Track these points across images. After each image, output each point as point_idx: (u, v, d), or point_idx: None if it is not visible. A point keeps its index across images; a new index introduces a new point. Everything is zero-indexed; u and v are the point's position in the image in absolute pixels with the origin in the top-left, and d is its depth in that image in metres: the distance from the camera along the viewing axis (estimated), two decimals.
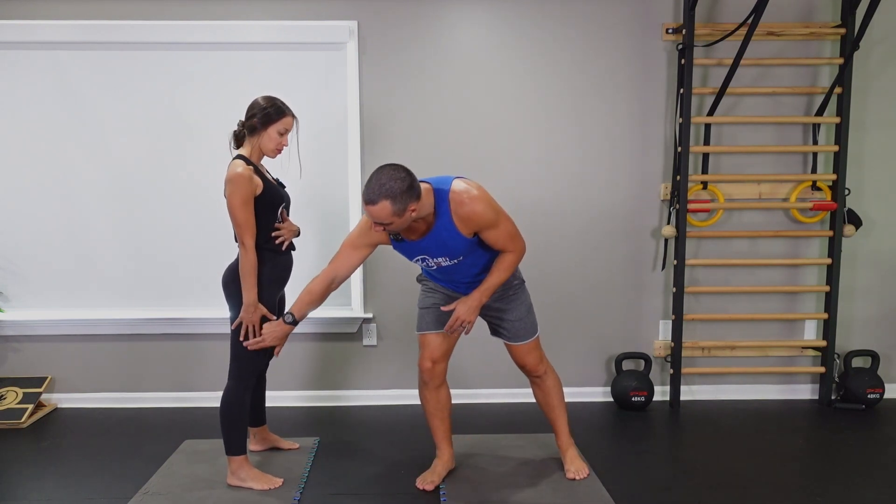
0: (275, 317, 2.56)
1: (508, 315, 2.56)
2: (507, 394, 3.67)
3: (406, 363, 3.68)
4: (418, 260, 2.43)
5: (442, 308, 2.47)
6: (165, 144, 3.52)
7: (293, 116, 2.59)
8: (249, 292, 2.46)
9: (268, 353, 2.65)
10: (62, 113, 3.49)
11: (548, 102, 3.56)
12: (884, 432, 3.24)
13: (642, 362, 3.68)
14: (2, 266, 3.60)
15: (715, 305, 3.68)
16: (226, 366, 2.58)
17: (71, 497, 2.59)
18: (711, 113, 3.47)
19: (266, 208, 2.52)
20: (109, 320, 3.58)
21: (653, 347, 3.70)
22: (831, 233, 3.55)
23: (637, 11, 3.50)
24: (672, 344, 3.61)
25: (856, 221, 3.52)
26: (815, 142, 3.55)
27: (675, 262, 3.54)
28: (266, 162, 2.67)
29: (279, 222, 2.60)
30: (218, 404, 2.60)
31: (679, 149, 3.48)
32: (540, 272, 3.51)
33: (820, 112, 3.50)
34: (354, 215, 3.55)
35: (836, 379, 3.64)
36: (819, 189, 3.57)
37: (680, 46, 3.42)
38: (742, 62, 3.30)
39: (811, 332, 3.72)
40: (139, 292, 3.62)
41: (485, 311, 2.57)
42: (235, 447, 2.59)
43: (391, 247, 2.45)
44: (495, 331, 2.65)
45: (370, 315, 3.62)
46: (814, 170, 3.57)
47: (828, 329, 3.60)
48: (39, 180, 3.53)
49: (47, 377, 3.60)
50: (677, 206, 3.51)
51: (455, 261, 2.39)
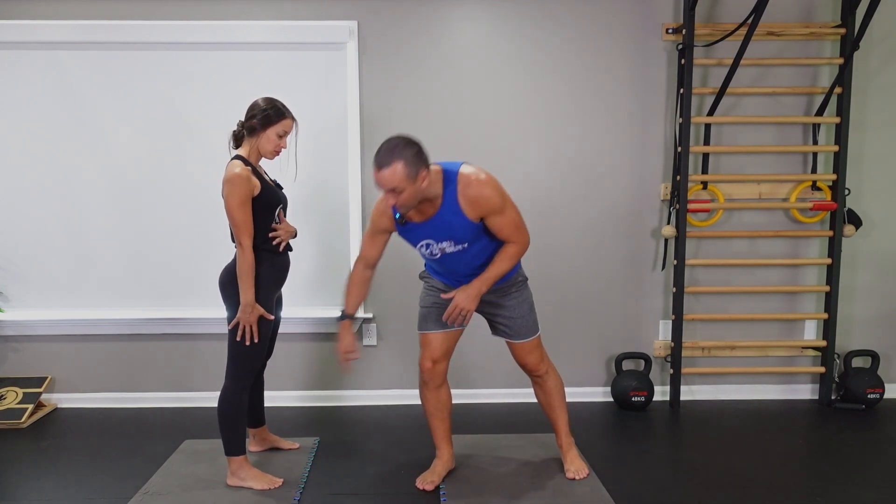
0: (272, 317, 2.56)
1: (510, 312, 2.55)
2: (508, 394, 3.67)
3: (406, 363, 3.68)
4: (422, 245, 2.41)
5: (442, 295, 2.45)
6: (165, 144, 3.52)
7: (293, 119, 2.59)
8: (247, 293, 2.45)
9: (266, 353, 2.65)
10: (62, 113, 3.49)
11: (548, 102, 3.56)
12: (884, 432, 3.24)
13: (642, 362, 3.68)
14: (2, 266, 3.60)
15: (715, 305, 3.68)
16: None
17: (71, 497, 2.59)
18: (711, 113, 3.47)
19: (264, 209, 2.52)
20: (109, 320, 3.58)
21: (653, 347, 3.70)
22: (831, 233, 3.55)
23: (637, 11, 3.50)
24: (672, 344, 3.61)
25: (856, 221, 3.52)
26: (815, 142, 3.55)
27: (675, 262, 3.54)
28: (264, 163, 2.67)
29: (276, 223, 2.60)
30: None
31: (679, 149, 3.48)
32: (540, 272, 3.50)
33: (820, 112, 3.50)
34: (354, 215, 3.55)
35: (836, 379, 3.64)
36: (819, 189, 3.57)
37: (680, 46, 3.42)
38: (742, 62, 3.30)
39: (811, 332, 3.72)
40: (139, 292, 3.62)
41: (486, 308, 2.56)
42: (235, 447, 2.59)
43: (397, 235, 2.46)
44: (496, 329, 2.64)
45: (370, 315, 3.62)
46: (814, 170, 3.57)
47: (828, 329, 3.61)
48: (39, 180, 3.53)
49: (47, 377, 3.60)
50: (677, 206, 3.51)
51: (459, 247, 2.38)
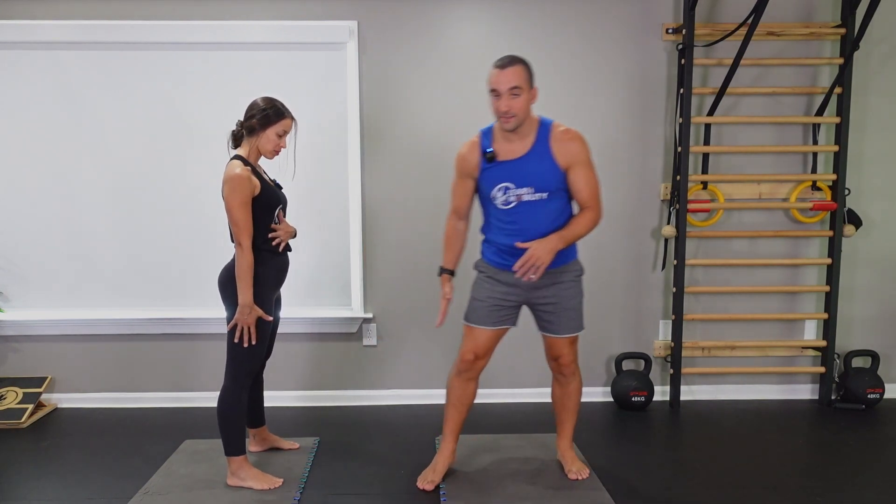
0: (270, 318, 2.56)
1: (565, 303, 2.52)
2: (508, 394, 3.67)
3: (406, 363, 3.68)
4: (500, 189, 2.40)
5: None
6: (165, 144, 3.52)
7: (292, 119, 2.58)
8: (245, 293, 2.45)
9: (264, 354, 2.65)
10: (62, 113, 3.49)
11: (548, 102, 3.53)
12: (884, 432, 3.24)
13: (642, 362, 3.68)
14: (2, 266, 3.60)
15: (715, 305, 3.68)
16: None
17: (71, 497, 2.60)
18: (711, 113, 3.47)
19: (263, 209, 2.52)
20: (109, 320, 3.58)
21: (653, 347, 3.70)
22: (831, 233, 3.55)
23: (637, 11, 3.50)
24: (672, 344, 3.61)
25: (856, 221, 3.52)
26: (815, 142, 3.55)
27: (675, 262, 3.54)
28: (263, 163, 2.67)
29: (276, 223, 2.59)
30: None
31: (679, 149, 3.48)
32: None
33: (820, 112, 3.50)
34: (354, 215, 3.55)
35: (836, 379, 3.64)
36: (819, 189, 3.57)
37: (680, 46, 3.42)
38: (742, 62, 3.30)
39: (811, 332, 3.72)
40: (139, 292, 3.62)
41: (540, 294, 2.51)
42: (234, 447, 2.59)
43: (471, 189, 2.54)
44: (542, 320, 2.58)
45: (370, 315, 3.62)
46: (814, 170, 3.57)
47: (828, 329, 3.61)
48: (39, 180, 3.53)
49: (47, 377, 3.60)
50: (677, 206, 3.51)
51: (539, 196, 2.38)
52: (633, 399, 3.53)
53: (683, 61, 3.40)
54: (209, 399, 3.55)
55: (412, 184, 3.57)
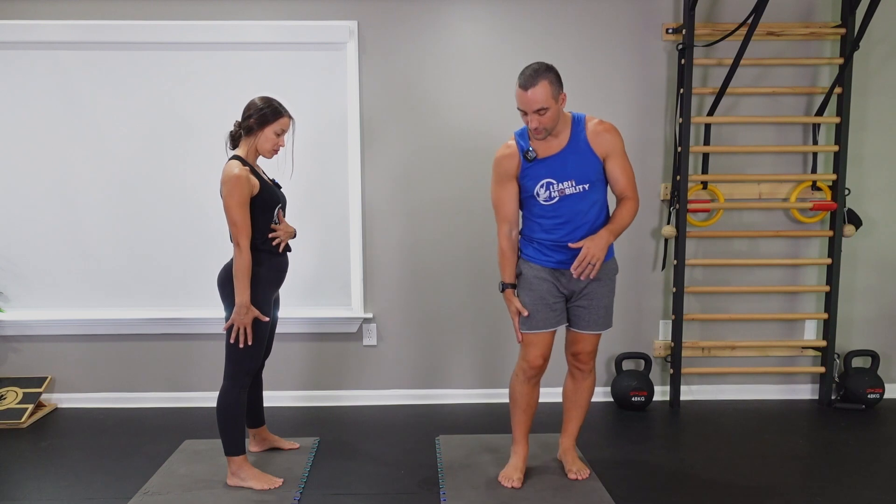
0: (267, 318, 2.55)
1: (598, 301, 2.53)
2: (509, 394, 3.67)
3: (406, 363, 3.68)
4: (542, 186, 2.42)
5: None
6: (165, 145, 3.52)
7: (290, 117, 2.59)
8: (242, 294, 2.45)
9: (263, 353, 2.65)
10: (62, 113, 3.49)
11: None
12: (884, 432, 3.24)
13: (642, 362, 3.68)
14: (2, 266, 3.60)
15: (715, 305, 3.68)
16: None
17: (71, 497, 2.59)
18: (711, 113, 3.47)
19: (263, 209, 2.52)
20: (109, 320, 3.58)
21: (653, 347, 3.70)
22: (831, 233, 3.55)
23: (637, 11, 3.50)
24: (672, 344, 3.61)
25: (856, 221, 3.52)
26: (815, 142, 3.55)
27: (675, 262, 3.54)
28: (262, 162, 2.67)
29: (275, 223, 2.59)
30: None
31: (679, 149, 3.48)
32: None
33: (820, 112, 3.50)
34: (354, 215, 3.55)
35: (836, 379, 3.64)
36: (819, 189, 3.57)
37: (680, 46, 3.42)
38: (742, 62, 3.30)
39: (811, 332, 3.72)
40: (139, 292, 3.62)
41: (578, 294, 2.52)
42: (234, 447, 2.59)
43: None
44: (573, 315, 2.57)
45: (370, 315, 3.62)
46: (814, 170, 3.57)
47: (828, 329, 3.60)
48: (39, 180, 3.53)
49: (47, 377, 3.60)
50: (677, 206, 3.51)
51: (580, 188, 2.40)
52: (633, 399, 3.53)
53: (683, 61, 3.40)
54: (209, 399, 3.55)
55: (412, 184, 3.57)
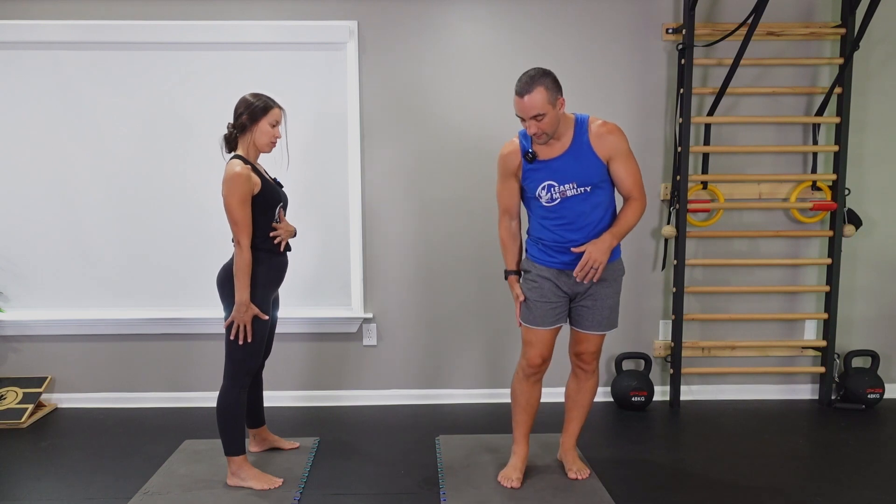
0: (267, 317, 2.56)
1: (603, 301, 2.52)
2: (509, 394, 3.66)
3: (406, 363, 3.68)
4: (543, 188, 2.42)
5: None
6: (165, 145, 3.52)
7: (280, 108, 2.60)
8: (242, 292, 2.45)
9: (263, 353, 2.64)
10: (62, 113, 3.49)
11: None
12: (884, 432, 3.24)
13: (642, 362, 3.68)
14: (2, 266, 3.60)
15: (715, 305, 3.68)
16: None
17: (71, 497, 2.60)
18: (711, 113, 3.47)
19: (264, 207, 2.52)
20: (109, 320, 3.58)
21: (653, 347, 3.70)
22: (831, 233, 3.55)
23: (637, 11, 3.50)
24: (672, 344, 3.61)
25: (856, 221, 3.52)
26: (815, 142, 3.55)
27: (675, 262, 3.54)
28: (263, 161, 2.67)
29: (276, 222, 2.60)
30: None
31: (679, 149, 3.48)
32: None
33: (820, 112, 3.50)
34: (354, 215, 3.55)
35: (836, 379, 3.64)
36: (819, 189, 3.57)
37: (680, 46, 3.42)
38: (742, 62, 3.30)
39: (811, 332, 3.72)
40: (139, 292, 3.62)
41: (583, 294, 2.51)
42: (234, 447, 2.59)
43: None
44: (577, 315, 2.57)
45: (370, 315, 3.62)
46: (814, 170, 3.57)
47: (828, 329, 3.60)
48: (39, 180, 3.53)
49: (47, 377, 3.60)
50: (677, 206, 3.51)
51: (581, 190, 2.39)
52: (633, 399, 3.53)
53: (683, 61, 3.40)
54: (209, 399, 3.55)
55: (412, 184, 3.57)
